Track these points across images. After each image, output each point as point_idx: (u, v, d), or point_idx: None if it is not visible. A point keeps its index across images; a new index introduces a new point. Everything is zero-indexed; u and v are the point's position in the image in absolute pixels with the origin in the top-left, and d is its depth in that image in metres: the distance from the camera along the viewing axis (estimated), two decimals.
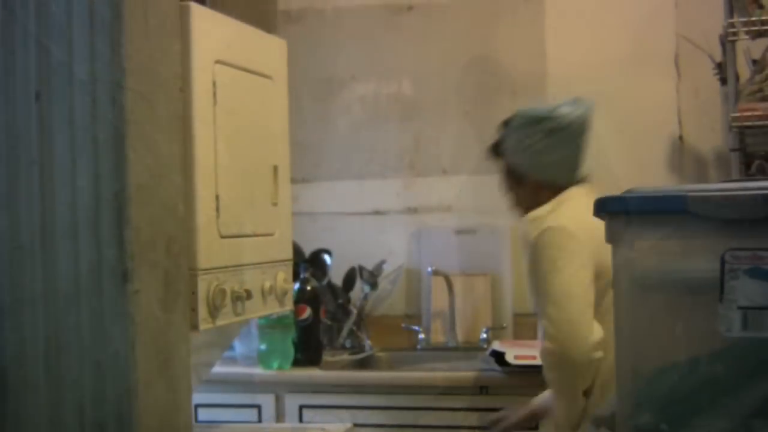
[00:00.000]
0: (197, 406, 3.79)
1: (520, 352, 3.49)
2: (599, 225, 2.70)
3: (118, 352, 1.39)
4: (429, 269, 4.22)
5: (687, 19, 4.04)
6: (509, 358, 3.48)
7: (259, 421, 3.76)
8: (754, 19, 3.53)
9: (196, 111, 2.45)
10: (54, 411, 1.44)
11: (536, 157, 2.88)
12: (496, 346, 3.66)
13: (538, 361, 2.94)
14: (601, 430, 1.72)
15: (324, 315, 4.02)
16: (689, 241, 1.63)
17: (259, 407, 3.79)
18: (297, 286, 3.81)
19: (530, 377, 3.26)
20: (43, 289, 1.43)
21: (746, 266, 1.57)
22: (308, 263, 4.08)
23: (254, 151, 2.78)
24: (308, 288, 3.92)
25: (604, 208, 1.67)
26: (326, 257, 4.17)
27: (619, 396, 1.69)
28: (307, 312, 3.88)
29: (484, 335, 4.11)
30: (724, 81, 3.66)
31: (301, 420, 3.74)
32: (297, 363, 3.86)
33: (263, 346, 3.84)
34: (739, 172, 3.53)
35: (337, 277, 4.18)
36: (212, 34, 2.52)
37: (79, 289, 1.41)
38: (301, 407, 3.76)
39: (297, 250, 3.83)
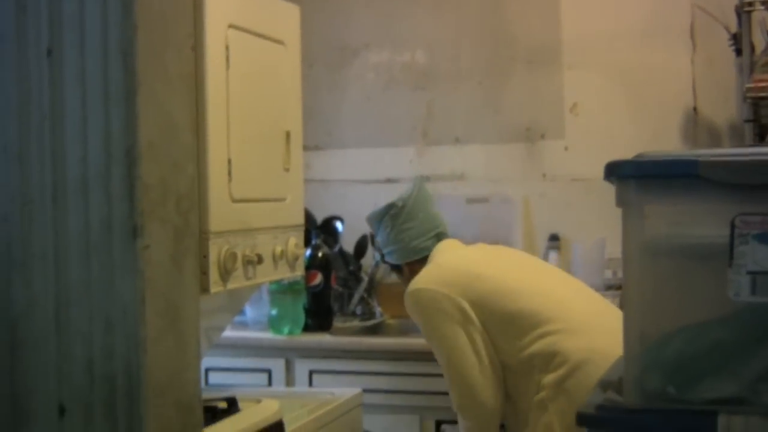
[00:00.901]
0: (208, 369, 3.81)
1: None
2: (465, 263, 2.95)
3: (128, 307, 1.40)
4: None
5: None
6: None
7: (269, 385, 3.78)
8: None
9: (209, 75, 2.46)
10: (63, 364, 1.45)
11: (396, 244, 3.12)
12: None
13: None
14: (608, 393, 1.73)
15: (335, 282, 4.04)
16: (699, 205, 1.63)
17: (269, 372, 3.81)
18: (308, 252, 3.82)
19: None
20: (53, 244, 1.44)
21: (756, 231, 1.57)
22: (320, 230, 4.08)
23: (267, 117, 2.78)
24: (320, 254, 3.93)
25: (614, 172, 1.67)
26: (338, 224, 4.17)
27: (627, 360, 1.69)
28: (318, 278, 3.90)
29: None
30: (739, 52, 3.65)
31: (310, 385, 3.76)
32: (307, 328, 3.88)
33: (274, 312, 3.85)
34: (753, 143, 3.52)
35: (348, 245, 4.19)
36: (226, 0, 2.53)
37: (89, 244, 1.42)
38: (311, 372, 3.78)
39: (309, 217, 3.84)
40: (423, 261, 3.07)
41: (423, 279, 2.94)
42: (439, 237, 3.12)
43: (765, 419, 1.53)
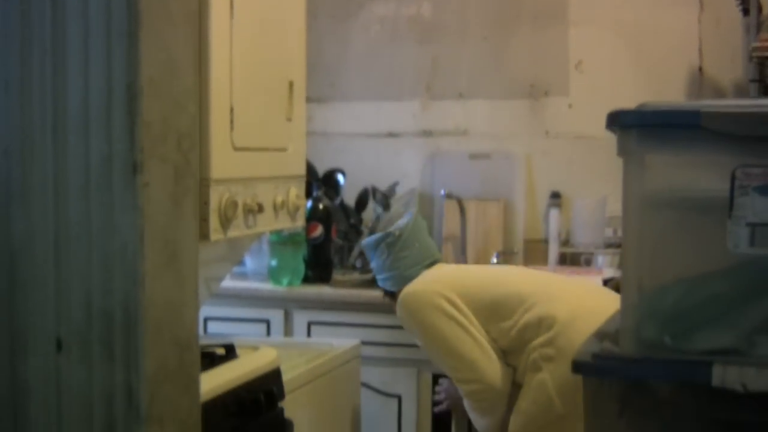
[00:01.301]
0: (207, 318, 3.83)
1: None
2: (450, 268, 3.09)
3: (127, 243, 1.40)
4: (442, 193, 4.22)
5: None
6: None
7: (268, 335, 3.80)
8: None
9: (213, 21, 2.45)
10: (61, 300, 1.46)
11: (393, 271, 3.15)
12: None
13: None
14: (604, 343, 1.73)
15: (335, 234, 4.04)
16: (701, 157, 1.63)
17: (268, 322, 3.83)
18: (309, 204, 3.82)
19: None
20: (53, 180, 1.43)
21: (757, 183, 1.57)
22: (321, 182, 4.09)
23: (270, 66, 2.77)
24: (320, 206, 3.94)
25: (615, 121, 1.66)
26: (340, 177, 4.17)
27: (624, 310, 1.69)
28: (319, 230, 3.90)
29: (495, 259, 4.13)
30: (746, 12, 3.63)
31: (309, 336, 3.78)
32: (307, 280, 3.89)
33: (274, 262, 3.86)
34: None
35: (349, 198, 4.19)
36: None
37: (89, 180, 1.41)
38: (309, 323, 3.79)
39: (310, 169, 3.84)
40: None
41: (411, 285, 3.03)
42: (433, 265, 3.17)
43: (760, 370, 1.54)
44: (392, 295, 3.20)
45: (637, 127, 1.63)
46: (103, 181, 1.42)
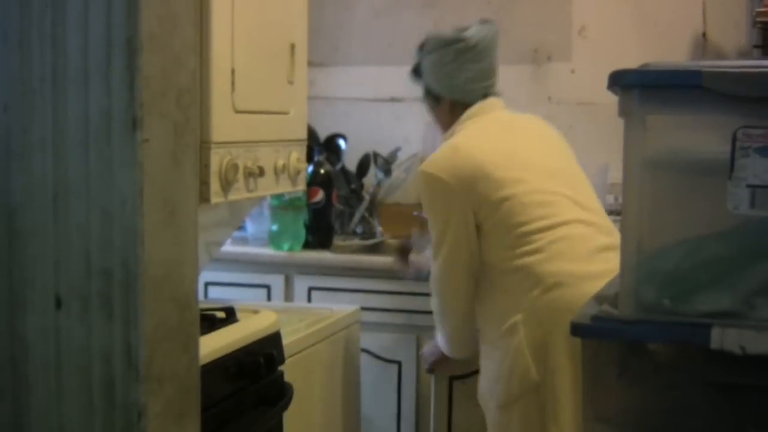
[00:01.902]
0: (207, 283, 3.83)
1: None
2: (481, 154, 2.85)
3: (126, 199, 1.39)
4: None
5: None
6: None
7: (269, 300, 3.80)
8: None
9: None
10: (60, 255, 1.46)
11: (448, 78, 3.00)
12: None
13: None
14: (603, 306, 1.73)
15: (336, 199, 4.04)
16: (702, 117, 1.62)
17: (268, 287, 3.83)
18: (310, 168, 3.82)
19: None
20: (52, 134, 1.43)
21: (758, 144, 1.57)
22: (323, 147, 4.08)
23: (272, 28, 2.77)
24: (322, 171, 3.93)
25: (617, 81, 1.66)
26: (341, 142, 4.17)
27: (623, 272, 1.69)
28: (320, 195, 3.90)
29: None
30: None
31: (309, 301, 3.79)
32: (308, 245, 3.89)
33: (274, 227, 3.86)
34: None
35: (351, 163, 4.19)
36: None
37: (88, 135, 1.41)
38: (310, 289, 3.80)
39: (312, 134, 3.83)
40: (461, 107, 3.01)
41: (438, 164, 2.88)
42: (487, 94, 3.03)
43: (758, 332, 1.54)
44: (435, 101, 3.06)
45: (639, 87, 1.63)
46: (103, 136, 1.42)
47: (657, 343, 1.67)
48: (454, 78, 2.99)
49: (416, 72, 3.11)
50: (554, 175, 2.90)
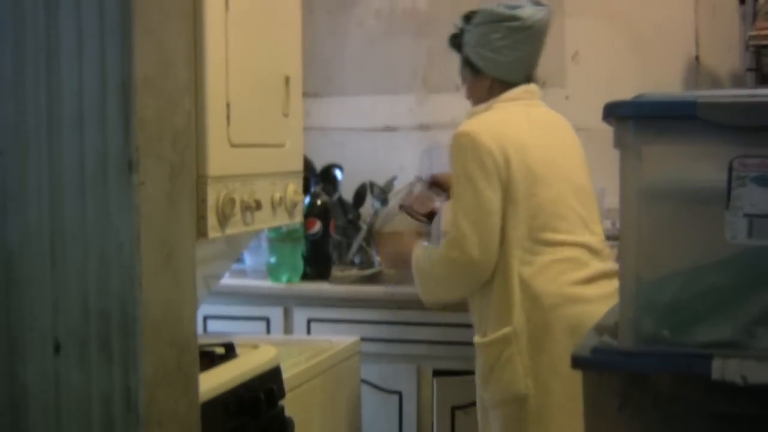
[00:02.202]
0: (206, 317, 3.82)
1: None
2: (521, 128, 2.82)
3: (123, 243, 1.39)
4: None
5: None
6: None
7: (268, 333, 3.79)
8: None
9: (208, 16, 2.44)
10: (58, 300, 1.45)
11: (495, 54, 2.95)
12: None
13: None
14: (603, 337, 1.73)
15: (334, 230, 4.03)
16: (698, 147, 1.62)
17: (267, 320, 3.82)
18: (307, 199, 3.81)
19: None
20: (48, 178, 1.43)
21: (754, 173, 1.56)
22: (319, 178, 4.08)
23: (266, 61, 2.77)
24: (318, 202, 3.93)
25: (612, 112, 1.66)
26: (337, 172, 4.17)
27: (622, 303, 1.69)
28: (317, 226, 3.90)
29: None
30: (742, 0, 3.62)
31: (309, 333, 3.77)
32: (306, 276, 3.88)
33: (273, 259, 3.85)
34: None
35: (347, 193, 4.19)
36: None
37: (84, 179, 1.41)
38: (309, 320, 3.79)
39: (308, 165, 3.83)
40: (501, 86, 2.98)
41: (480, 127, 2.85)
42: (530, 77, 3.00)
43: (759, 362, 1.53)
44: (474, 74, 3.00)
45: (634, 118, 1.63)
46: (99, 180, 1.42)
47: (658, 374, 1.66)
48: (502, 56, 2.94)
49: (456, 41, 3.06)
50: (577, 192, 2.93)
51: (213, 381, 2.28)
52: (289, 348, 3.02)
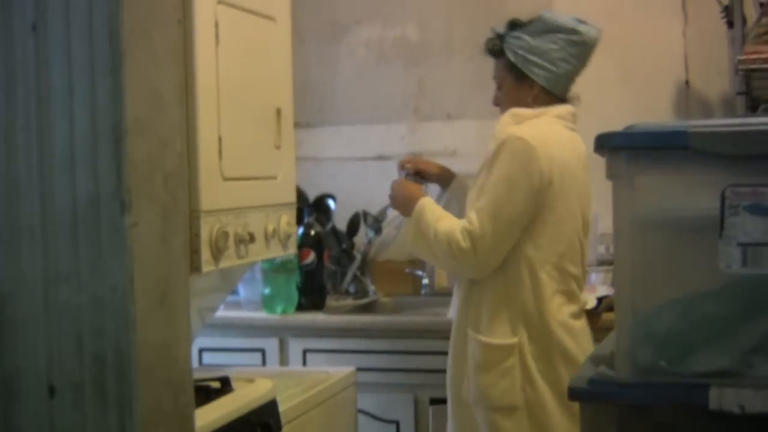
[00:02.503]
0: (201, 349, 3.81)
1: None
2: (564, 150, 2.81)
3: (116, 284, 1.39)
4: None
5: None
6: None
7: (263, 364, 3.78)
8: None
9: (198, 51, 2.44)
10: (52, 343, 1.45)
11: (549, 63, 2.93)
12: None
13: None
14: (600, 368, 1.72)
15: (328, 260, 4.03)
16: (690, 177, 1.62)
17: (263, 351, 3.81)
18: (301, 230, 3.81)
19: None
20: (40, 221, 1.43)
21: (747, 202, 1.56)
22: (312, 208, 4.08)
23: (257, 94, 2.77)
24: (312, 232, 3.93)
25: (604, 143, 1.66)
26: (330, 202, 4.17)
27: (618, 333, 1.68)
28: (311, 256, 3.89)
29: None
30: (731, 24, 3.63)
31: (304, 364, 3.77)
32: (301, 307, 3.88)
33: (267, 291, 3.85)
34: (745, 116, 3.51)
35: (341, 222, 4.19)
36: None
37: (76, 221, 1.41)
38: (304, 351, 3.78)
39: (301, 195, 3.83)
40: (547, 97, 2.95)
41: (532, 135, 2.82)
42: (570, 93, 3.00)
43: (757, 391, 1.53)
44: (518, 78, 2.95)
45: (626, 150, 1.63)
46: (91, 222, 1.41)
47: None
48: (555, 66, 2.92)
49: (495, 45, 3.02)
50: (585, 226, 2.97)
51: (209, 417, 2.27)
52: (285, 380, 3.01)
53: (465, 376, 2.87)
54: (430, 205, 2.94)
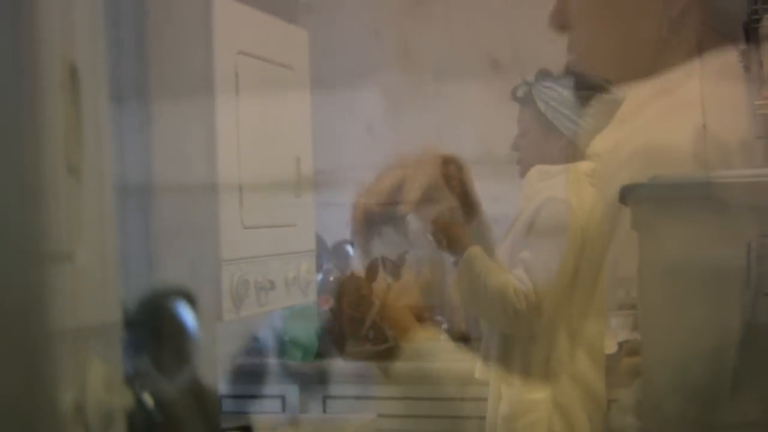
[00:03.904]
0: (221, 397, 3.80)
1: None
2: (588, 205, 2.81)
3: None
4: (452, 260, 4.19)
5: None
6: None
7: (283, 411, 3.77)
8: None
9: (219, 102, 2.46)
10: None
11: (578, 118, 2.88)
12: None
13: None
14: (627, 418, 1.72)
15: (347, 306, 4.02)
16: (715, 227, 1.62)
17: (282, 398, 3.80)
18: (320, 276, 3.81)
19: None
20: None
21: None
22: (331, 254, 4.08)
23: (277, 144, 2.79)
24: (331, 279, 3.93)
25: (629, 195, 1.66)
26: (349, 248, 4.17)
27: (645, 384, 1.68)
28: (330, 303, 3.89)
29: None
30: (748, 68, 3.63)
31: (324, 410, 3.75)
32: (320, 354, 3.87)
33: (287, 337, 3.84)
34: (765, 160, 3.49)
35: (359, 268, 4.18)
36: (235, 25, 2.53)
37: None
38: (324, 398, 3.76)
39: (320, 242, 3.83)
40: (574, 153, 2.85)
41: (577, 198, 2.76)
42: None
43: None
44: (547, 128, 2.84)
45: (650, 201, 1.63)
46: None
47: None
48: (585, 122, 2.84)
49: (525, 93, 2.90)
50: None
51: None
52: (306, 428, 3.00)
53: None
54: (479, 250, 2.92)
